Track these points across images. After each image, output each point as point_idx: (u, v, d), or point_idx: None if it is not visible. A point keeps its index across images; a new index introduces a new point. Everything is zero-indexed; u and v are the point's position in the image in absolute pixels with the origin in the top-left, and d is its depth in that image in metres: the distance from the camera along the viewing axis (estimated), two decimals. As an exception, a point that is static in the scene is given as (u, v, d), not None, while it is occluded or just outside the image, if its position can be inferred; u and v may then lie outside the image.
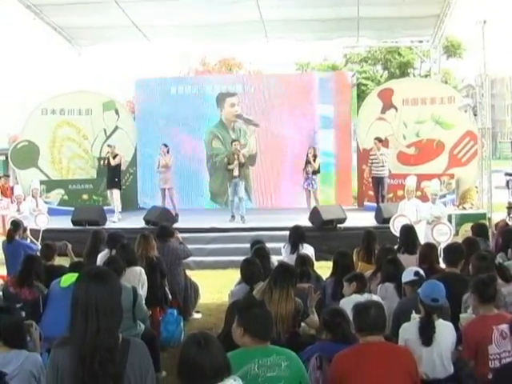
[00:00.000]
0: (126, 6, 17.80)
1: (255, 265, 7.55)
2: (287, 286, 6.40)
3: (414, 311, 5.79)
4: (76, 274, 4.76)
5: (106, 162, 18.23)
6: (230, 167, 16.65)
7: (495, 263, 7.25)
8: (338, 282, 7.67)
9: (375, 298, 6.47)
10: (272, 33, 20.33)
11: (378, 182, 17.63)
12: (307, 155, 17.52)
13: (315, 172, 17.44)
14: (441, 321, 5.59)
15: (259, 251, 8.60)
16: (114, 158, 17.97)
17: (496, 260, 7.62)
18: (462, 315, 6.13)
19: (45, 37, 22.44)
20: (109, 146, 18.43)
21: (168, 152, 17.66)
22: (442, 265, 8.04)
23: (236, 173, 16.62)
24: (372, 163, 17.81)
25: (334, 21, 19.06)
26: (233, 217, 16.90)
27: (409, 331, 5.55)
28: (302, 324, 6.72)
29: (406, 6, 17.56)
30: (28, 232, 14.19)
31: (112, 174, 18.02)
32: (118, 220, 17.52)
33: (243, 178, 16.90)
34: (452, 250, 7.49)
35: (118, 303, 3.67)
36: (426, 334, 5.46)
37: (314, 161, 17.47)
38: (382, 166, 17.46)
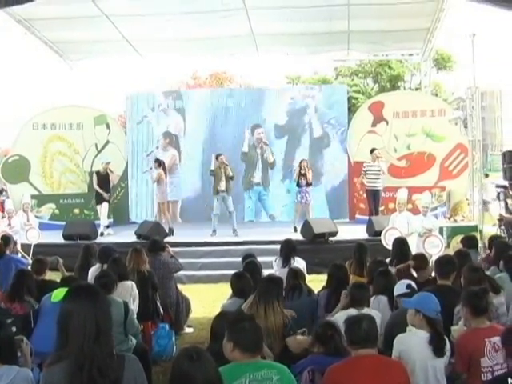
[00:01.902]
0: (117, 21, 17.84)
1: (245, 278, 7.56)
2: (272, 300, 6.37)
3: (410, 324, 5.77)
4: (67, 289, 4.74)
5: (100, 176, 18.01)
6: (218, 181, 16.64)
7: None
8: (331, 294, 7.67)
9: (366, 310, 6.46)
10: (262, 46, 20.41)
11: (373, 194, 17.46)
12: (300, 168, 17.35)
13: (308, 185, 17.34)
14: (434, 333, 5.58)
15: (249, 265, 8.60)
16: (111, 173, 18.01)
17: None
18: (453, 327, 6.13)
19: (36, 51, 22.42)
20: (108, 163, 18.26)
21: (159, 166, 17.52)
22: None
23: (222, 187, 16.59)
24: (366, 174, 17.63)
25: (325, 34, 19.14)
26: (214, 231, 16.67)
27: (404, 343, 5.51)
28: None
29: (396, 20, 17.67)
30: (19, 246, 14.17)
31: (105, 189, 17.96)
32: (108, 234, 17.51)
33: (230, 191, 16.83)
34: (443, 263, 7.47)
35: (110, 313, 3.70)
36: (440, 348, 5.41)
37: (308, 174, 17.34)
38: (378, 179, 17.35)
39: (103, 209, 17.83)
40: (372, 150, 17.62)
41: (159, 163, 17.55)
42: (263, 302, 6.35)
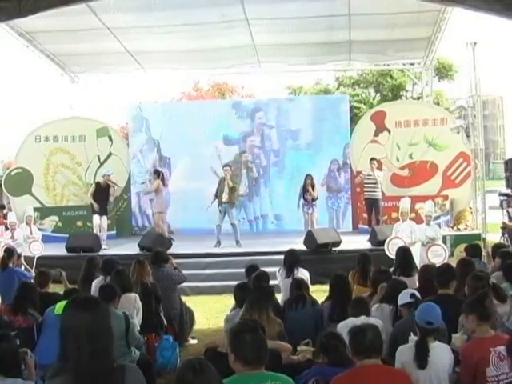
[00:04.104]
0: (119, 33, 17.87)
1: (248, 289, 7.52)
2: (266, 309, 6.36)
3: (412, 333, 5.75)
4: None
5: (99, 188, 17.86)
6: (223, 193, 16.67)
7: (490, 283, 7.24)
8: (334, 305, 7.65)
9: (372, 320, 6.44)
10: (264, 57, 20.43)
11: (371, 204, 17.59)
12: (305, 184, 17.46)
13: (314, 199, 17.44)
14: (437, 343, 5.53)
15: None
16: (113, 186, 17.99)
17: (490, 280, 7.61)
18: (454, 335, 6.09)
19: (38, 64, 22.49)
20: (109, 175, 18.15)
21: (158, 177, 17.58)
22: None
23: (224, 199, 16.62)
24: (364, 184, 17.68)
25: (326, 45, 19.19)
26: (218, 242, 16.69)
27: (405, 353, 5.49)
28: (299, 348, 6.66)
29: (397, 29, 17.69)
30: (22, 259, 14.15)
31: (106, 202, 17.96)
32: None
33: (233, 203, 16.87)
34: (441, 272, 7.46)
35: (109, 326, 3.63)
36: (421, 358, 5.40)
37: (313, 189, 17.42)
38: (376, 188, 17.41)
39: (103, 222, 17.73)
40: (371, 160, 17.69)
41: (158, 174, 17.62)
42: (257, 310, 6.34)
